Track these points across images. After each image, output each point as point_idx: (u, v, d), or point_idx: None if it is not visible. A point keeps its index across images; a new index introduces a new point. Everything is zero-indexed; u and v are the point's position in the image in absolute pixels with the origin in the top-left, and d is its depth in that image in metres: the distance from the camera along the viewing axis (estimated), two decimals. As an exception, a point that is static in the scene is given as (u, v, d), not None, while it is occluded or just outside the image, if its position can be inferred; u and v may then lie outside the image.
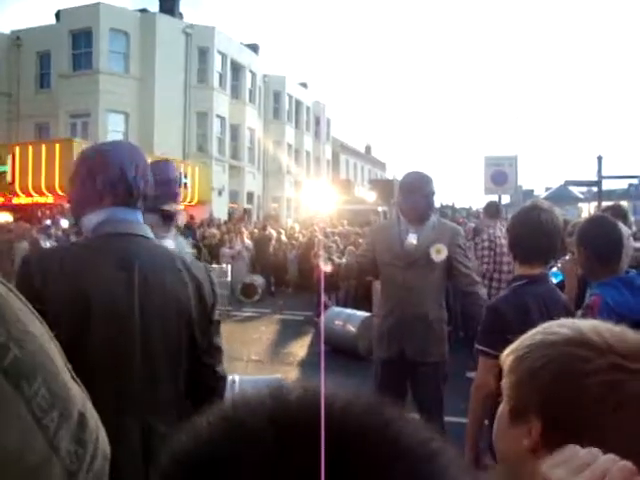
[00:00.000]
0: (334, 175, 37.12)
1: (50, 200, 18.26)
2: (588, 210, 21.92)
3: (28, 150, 19.01)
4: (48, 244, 10.04)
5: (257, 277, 14.18)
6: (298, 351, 8.71)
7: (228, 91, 26.80)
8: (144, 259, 1.65)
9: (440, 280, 3.65)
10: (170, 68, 23.94)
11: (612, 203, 6.45)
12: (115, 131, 22.82)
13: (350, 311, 8.98)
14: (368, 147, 50.39)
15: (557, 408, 0.86)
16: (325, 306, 9.75)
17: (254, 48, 30.78)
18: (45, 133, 23.66)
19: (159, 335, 1.62)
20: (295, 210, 31.52)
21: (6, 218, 16.71)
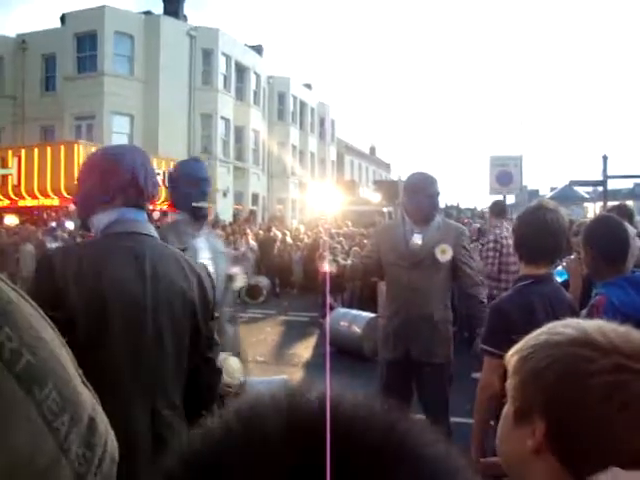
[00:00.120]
0: (339, 176, 37.11)
1: (56, 202, 18.34)
2: (593, 210, 21.83)
3: (34, 153, 19.10)
4: (54, 246, 10.07)
5: (262, 278, 14.18)
6: (303, 352, 8.70)
7: (232, 93, 26.85)
8: (153, 256, 1.76)
9: (445, 281, 3.65)
10: (174, 70, 24.01)
11: (618, 203, 6.42)
12: (120, 133, 22.91)
13: (355, 312, 8.96)
14: (373, 148, 50.39)
15: (561, 409, 0.85)
16: (330, 307, 9.74)
17: (258, 50, 30.84)
18: (50, 135, 23.76)
19: (168, 325, 1.73)
20: (300, 211, 31.53)
21: (12, 220, 16.81)
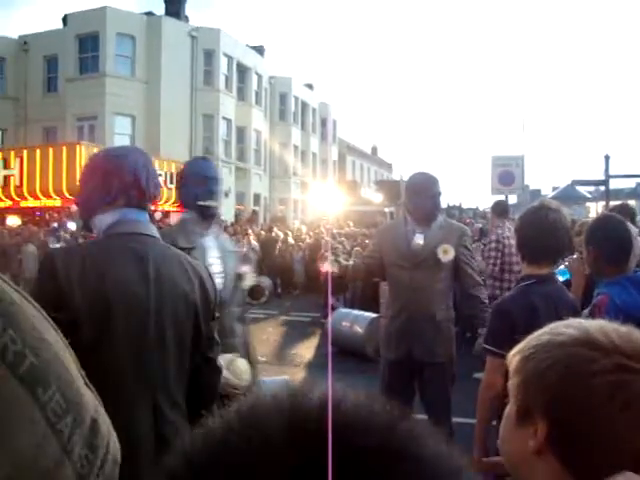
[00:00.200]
0: (340, 176, 37.10)
1: (58, 203, 18.37)
2: (595, 209, 21.81)
3: (36, 153, 19.14)
4: (57, 246, 10.08)
5: (264, 279, 14.10)
6: (305, 353, 8.70)
7: (234, 93, 26.85)
8: (156, 257, 1.78)
9: (447, 281, 3.64)
10: (176, 71, 24.02)
11: (620, 202, 6.42)
12: (122, 134, 22.92)
13: (357, 312, 8.95)
14: (374, 148, 50.35)
15: (563, 409, 0.85)
16: (332, 307, 9.74)
17: (260, 50, 30.85)
18: (52, 136, 23.78)
19: (171, 327, 1.76)
20: (302, 212, 31.52)
21: (15, 221, 16.84)
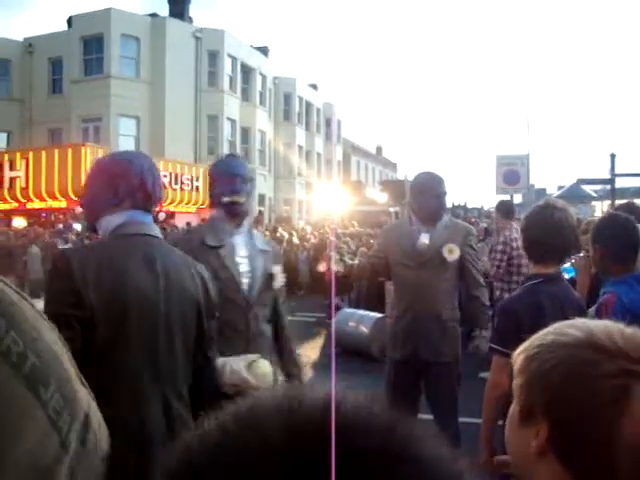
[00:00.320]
0: (345, 176, 37.11)
1: (63, 204, 18.44)
2: (601, 208, 21.74)
3: (41, 155, 19.23)
4: (67, 247, 10.12)
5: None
6: (310, 353, 8.68)
7: (238, 94, 26.91)
8: (163, 259, 1.84)
9: (453, 280, 3.64)
10: (180, 72, 24.08)
11: (626, 201, 6.39)
12: (126, 135, 23.02)
13: (363, 312, 8.94)
14: (379, 148, 50.34)
15: (564, 410, 0.85)
16: (337, 307, 9.73)
17: (264, 51, 30.89)
18: (57, 138, 23.90)
19: (179, 328, 1.83)
20: (306, 212, 31.54)
21: (20, 223, 16.91)
